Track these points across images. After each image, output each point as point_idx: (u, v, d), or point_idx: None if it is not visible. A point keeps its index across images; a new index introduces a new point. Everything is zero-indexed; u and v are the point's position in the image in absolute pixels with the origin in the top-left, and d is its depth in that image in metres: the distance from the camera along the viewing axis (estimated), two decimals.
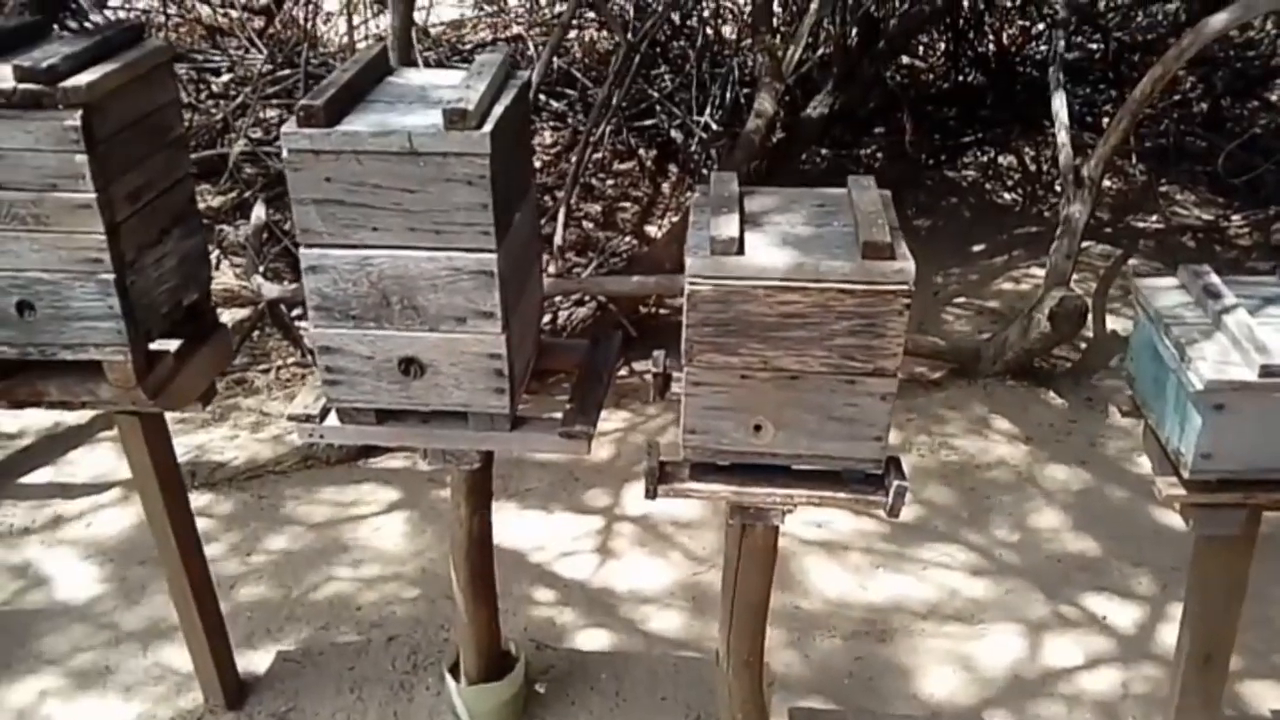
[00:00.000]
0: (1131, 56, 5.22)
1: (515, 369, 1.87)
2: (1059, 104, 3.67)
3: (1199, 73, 5.31)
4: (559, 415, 1.92)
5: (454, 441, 1.93)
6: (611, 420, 3.50)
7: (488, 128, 1.67)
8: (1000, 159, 5.26)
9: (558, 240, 3.65)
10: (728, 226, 1.65)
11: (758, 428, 1.73)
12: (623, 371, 3.63)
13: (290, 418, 1.88)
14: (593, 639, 2.64)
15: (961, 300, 4.26)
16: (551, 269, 3.61)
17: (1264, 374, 1.62)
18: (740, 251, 1.63)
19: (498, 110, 1.74)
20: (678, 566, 2.87)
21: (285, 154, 1.69)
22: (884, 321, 1.62)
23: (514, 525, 3.03)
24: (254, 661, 2.54)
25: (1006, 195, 5.10)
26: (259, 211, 3.92)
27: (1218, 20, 3.16)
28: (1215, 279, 1.85)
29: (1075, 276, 3.78)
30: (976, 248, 4.62)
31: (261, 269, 3.71)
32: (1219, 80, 5.27)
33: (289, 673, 2.51)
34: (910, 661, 2.55)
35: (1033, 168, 5.10)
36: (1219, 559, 1.90)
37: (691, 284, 1.63)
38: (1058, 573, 2.82)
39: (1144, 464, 3.31)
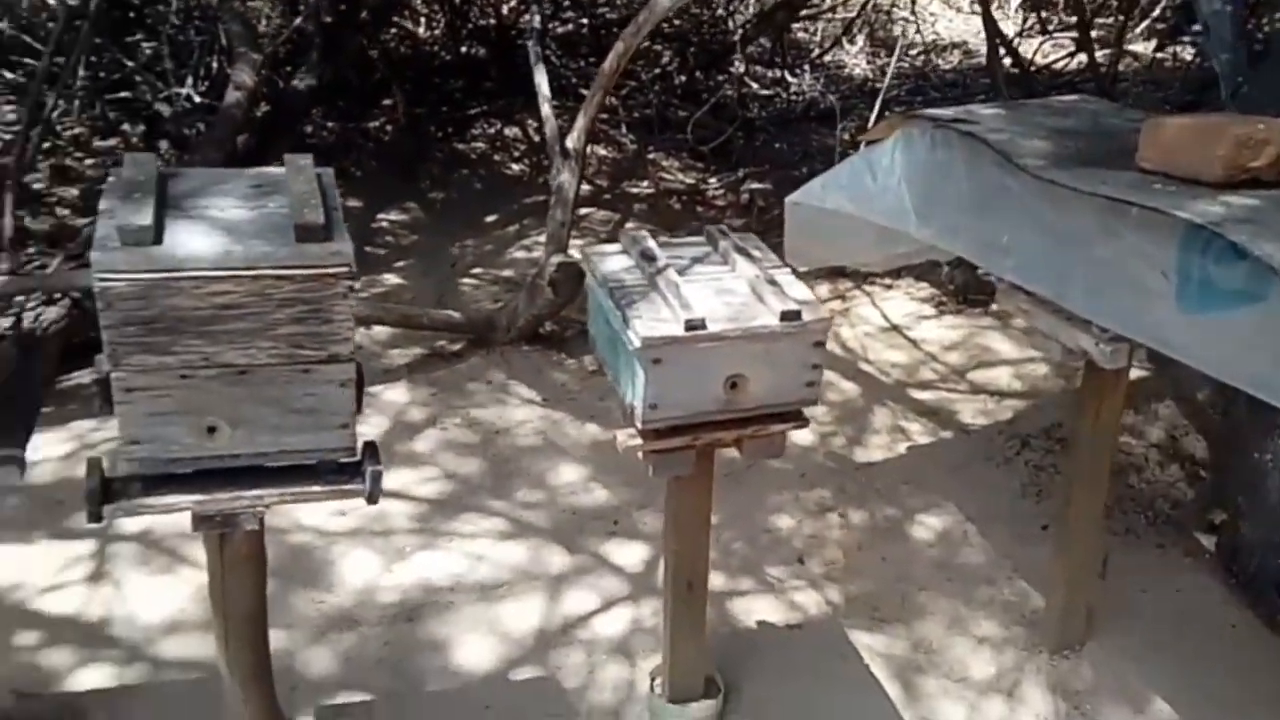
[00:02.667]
0: (614, 31, 5.59)
1: None
2: (540, 78, 3.82)
3: (675, 48, 5.82)
4: None
5: None
6: (104, 430, 3.12)
7: None
8: (506, 131, 5.41)
9: (6, 230, 3.16)
10: (140, 213, 1.49)
11: (212, 429, 1.60)
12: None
13: None
14: (88, 677, 2.34)
15: (478, 271, 4.34)
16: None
17: (688, 328, 1.77)
18: (158, 241, 1.48)
19: None
20: (187, 581, 2.63)
21: None
22: (329, 306, 1.56)
23: None
24: None
25: (515, 166, 5.25)
26: None
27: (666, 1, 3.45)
28: (651, 243, 2.01)
29: (579, 241, 3.98)
30: (490, 218, 4.72)
31: None
32: (692, 55, 5.80)
33: None
34: (440, 636, 2.55)
35: (536, 139, 5.30)
36: (684, 497, 2.08)
37: (101, 281, 1.45)
38: (574, 525, 2.96)
39: None
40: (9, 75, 4.52)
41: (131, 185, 1.56)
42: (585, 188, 4.56)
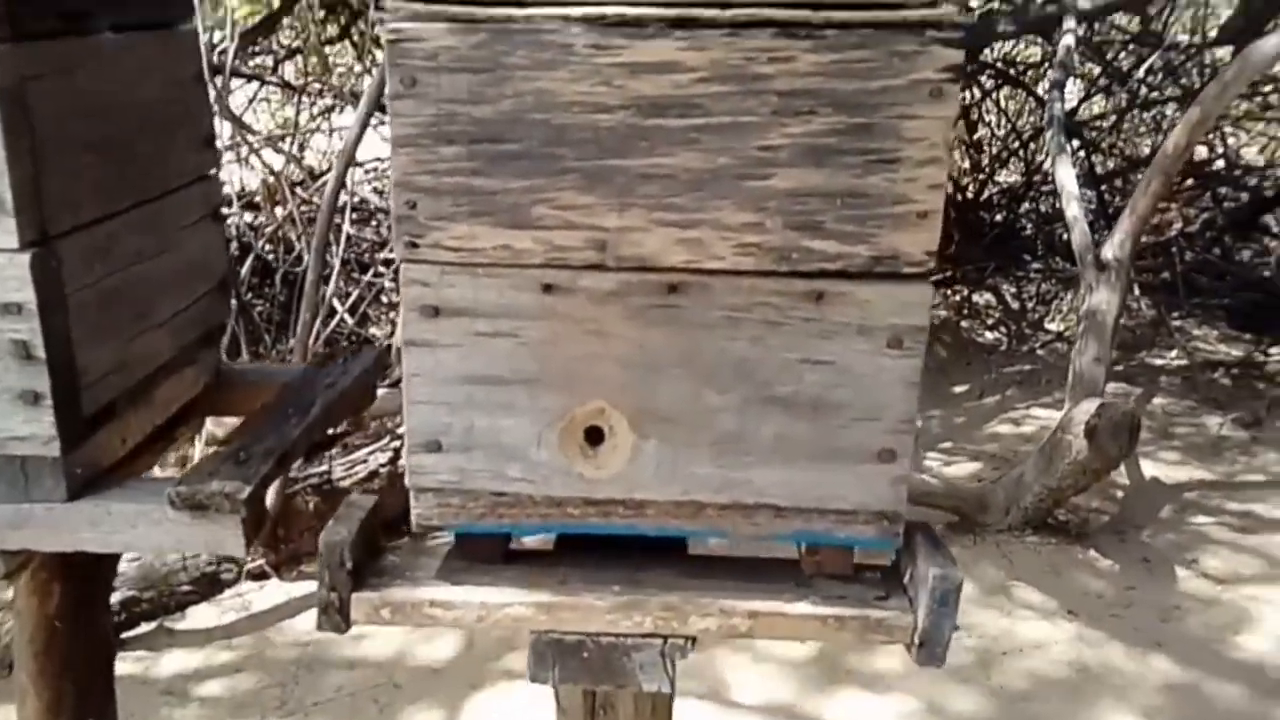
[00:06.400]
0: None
1: (80, 363, 0.84)
2: (1064, 172, 2.82)
3: (1207, 190, 4.61)
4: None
5: None
6: None
7: None
8: (975, 297, 4.44)
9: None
10: None
11: (594, 436, 0.69)
12: None
13: None
14: None
15: (948, 445, 3.28)
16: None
17: None
18: None
19: None
20: None
21: None
22: (897, 98, 0.64)
23: None
24: None
25: (988, 334, 4.23)
26: None
27: (1270, 45, 2.39)
28: None
29: None
30: (958, 388, 3.69)
31: None
32: (1221, 209, 4.55)
33: None
34: None
35: (1015, 304, 4.26)
36: None
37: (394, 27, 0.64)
38: None
39: (1250, 645, 2.25)
40: None
41: None
42: None
